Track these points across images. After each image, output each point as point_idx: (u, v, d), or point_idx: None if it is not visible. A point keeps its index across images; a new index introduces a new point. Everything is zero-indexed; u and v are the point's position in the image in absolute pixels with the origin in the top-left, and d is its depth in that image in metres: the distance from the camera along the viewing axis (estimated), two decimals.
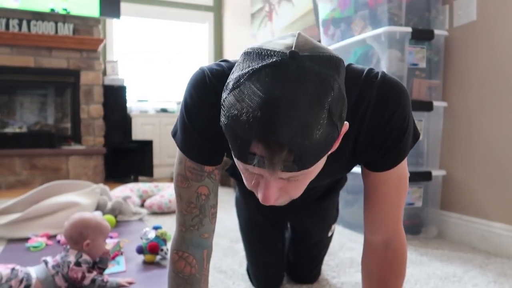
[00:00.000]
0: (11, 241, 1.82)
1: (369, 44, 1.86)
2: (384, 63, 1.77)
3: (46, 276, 1.19)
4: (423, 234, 1.86)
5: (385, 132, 0.70)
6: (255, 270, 1.27)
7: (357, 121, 0.70)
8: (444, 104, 1.85)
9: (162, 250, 1.53)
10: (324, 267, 1.45)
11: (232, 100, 0.53)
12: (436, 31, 1.81)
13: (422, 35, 1.79)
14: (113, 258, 1.52)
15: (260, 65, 0.51)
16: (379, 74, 0.71)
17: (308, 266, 1.30)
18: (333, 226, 1.28)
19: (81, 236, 1.23)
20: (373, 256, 0.82)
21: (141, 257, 1.55)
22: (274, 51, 0.52)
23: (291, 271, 1.34)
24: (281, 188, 0.58)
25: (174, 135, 0.78)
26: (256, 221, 1.22)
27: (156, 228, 1.60)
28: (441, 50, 1.85)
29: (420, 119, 1.81)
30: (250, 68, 0.52)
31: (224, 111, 0.54)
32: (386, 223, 0.79)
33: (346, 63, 0.69)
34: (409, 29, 1.75)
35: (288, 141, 0.49)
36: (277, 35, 2.35)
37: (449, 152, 1.87)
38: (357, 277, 1.37)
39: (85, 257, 1.22)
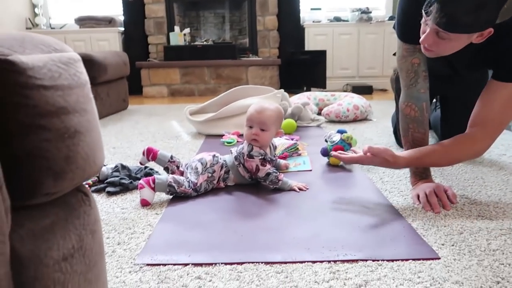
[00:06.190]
0: (209, 136, 2.04)
1: None
2: None
3: (232, 165, 1.27)
4: None
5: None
6: None
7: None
8: None
9: None
10: None
11: None
12: None
13: None
14: (285, 157, 1.55)
15: None
16: None
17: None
18: None
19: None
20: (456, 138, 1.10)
21: (325, 159, 1.54)
22: None
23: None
24: (434, 41, 0.98)
25: (394, 27, 1.25)
26: None
27: (341, 132, 1.54)
28: None
29: None
30: None
31: None
32: (483, 125, 1.06)
33: None
34: None
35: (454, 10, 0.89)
36: None
37: None
38: None
39: (256, 149, 1.23)
